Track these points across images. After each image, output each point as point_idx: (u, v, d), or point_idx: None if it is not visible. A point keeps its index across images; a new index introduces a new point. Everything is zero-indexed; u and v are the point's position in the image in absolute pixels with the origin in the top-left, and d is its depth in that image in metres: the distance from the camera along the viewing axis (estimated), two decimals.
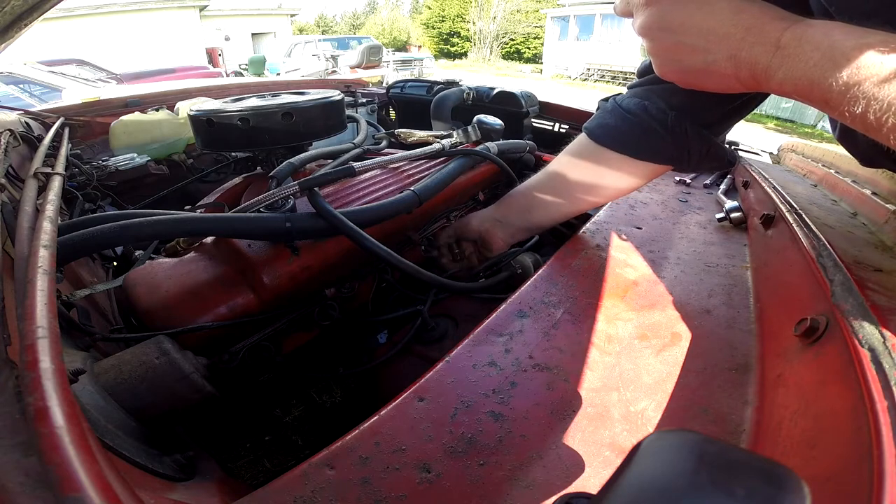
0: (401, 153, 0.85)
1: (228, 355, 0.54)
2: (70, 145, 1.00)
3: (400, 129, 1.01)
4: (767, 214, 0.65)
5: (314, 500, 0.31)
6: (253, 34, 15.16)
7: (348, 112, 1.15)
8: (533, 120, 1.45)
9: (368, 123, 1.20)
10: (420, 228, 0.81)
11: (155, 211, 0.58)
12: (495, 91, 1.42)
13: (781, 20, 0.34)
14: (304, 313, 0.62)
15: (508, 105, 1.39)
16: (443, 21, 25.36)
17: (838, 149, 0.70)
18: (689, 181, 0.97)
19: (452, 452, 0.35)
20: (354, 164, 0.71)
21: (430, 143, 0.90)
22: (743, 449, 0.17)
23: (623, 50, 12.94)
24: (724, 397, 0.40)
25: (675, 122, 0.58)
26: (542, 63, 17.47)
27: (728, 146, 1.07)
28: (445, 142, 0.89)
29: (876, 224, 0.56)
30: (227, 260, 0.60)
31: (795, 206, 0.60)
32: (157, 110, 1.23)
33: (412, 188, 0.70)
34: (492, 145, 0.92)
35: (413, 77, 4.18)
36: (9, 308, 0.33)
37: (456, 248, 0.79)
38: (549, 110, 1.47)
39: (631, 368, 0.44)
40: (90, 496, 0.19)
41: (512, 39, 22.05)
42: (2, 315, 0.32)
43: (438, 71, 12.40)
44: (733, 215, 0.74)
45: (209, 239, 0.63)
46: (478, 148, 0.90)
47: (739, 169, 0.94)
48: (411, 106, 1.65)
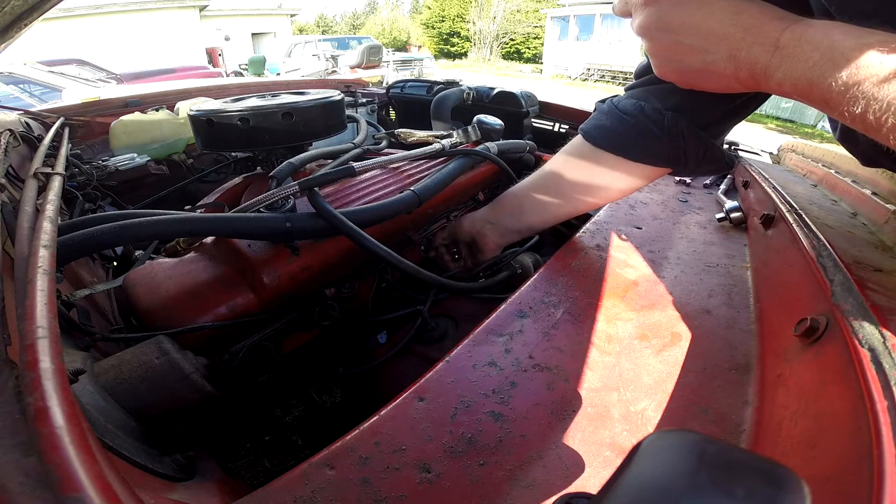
0: (401, 153, 0.85)
1: (228, 355, 0.54)
2: (70, 145, 1.00)
3: (400, 129, 1.01)
4: (767, 214, 0.65)
5: (314, 500, 0.31)
6: (253, 34, 15.17)
7: (348, 112, 1.15)
8: (533, 120, 1.45)
9: (368, 123, 1.20)
10: (420, 228, 0.81)
11: (155, 211, 0.58)
12: (495, 91, 1.42)
13: (781, 20, 0.34)
14: (304, 313, 0.62)
15: (508, 105, 1.39)
16: (443, 21, 25.37)
17: (838, 149, 0.70)
18: (689, 181, 0.96)
19: (452, 452, 0.35)
20: (354, 164, 0.71)
21: (430, 143, 0.90)
22: (743, 449, 0.17)
23: (623, 50, 12.93)
24: (724, 397, 0.40)
25: (671, 123, 0.57)
26: (542, 63, 17.47)
27: (728, 146, 1.08)
28: (445, 142, 0.89)
29: (876, 224, 0.56)
30: (227, 260, 0.60)
31: (795, 206, 0.60)
32: (157, 110, 1.23)
33: (412, 188, 0.70)
34: (492, 145, 0.92)
35: (413, 77, 4.19)
36: (9, 308, 0.33)
37: (452, 248, 0.79)
38: (549, 110, 1.47)
39: (631, 368, 0.44)
40: (90, 496, 0.19)
41: (512, 39, 22.05)
42: (2, 315, 0.32)
43: (438, 71, 12.40)
44: (733, 215, 0.74)
45: (209, 239, 0.63)
46: (478, 148, 0.90)
47: (739, 169, 0.94)
48: (411, 106, 1.65)
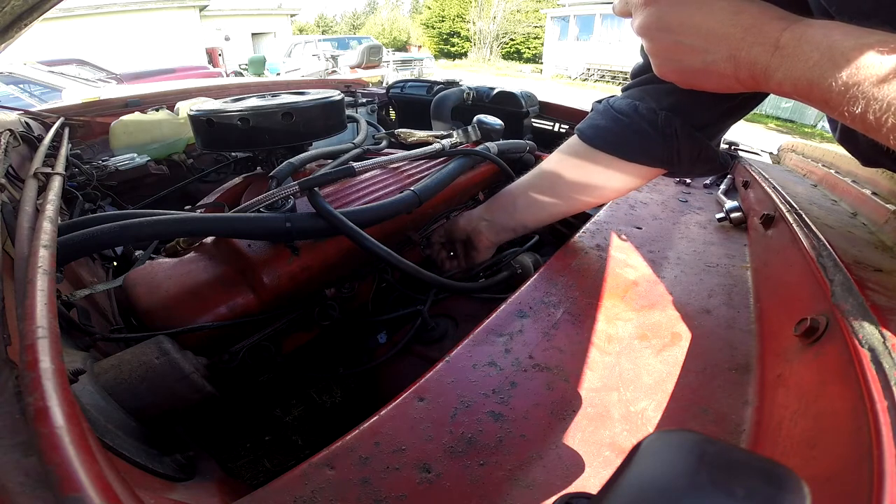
0: (401, 153, 0.85)
1: (228, 355, 0.54)
2: (70, 145, 1.00)
3: (400, 129, 1.01)
4: (767, 214, 0.65)
5: (314, 500, 0.31)
6: (253, 34, 15.16)
7: (348, 112, 1.15)
8: (533, 120, 1.45)
9: (368, 123, 1.20)
10: (420, 228, 0.81)
11: (155, 211, 0.58)
12: (495, 91, 1.42)
13: (781, 20, 0.34)
14: (304, 313, 0.62)
15: (508, 105, 1.39)
16: (443, 21, 25.37)
17: (838, 149, 0.70)
18: (689, 181, 0.96)
19: (452, 452, 0.35)
20: (354, 164, 0.71)
21: (430, 143, 0.90)
22: (743, 449, 0.17)
23: (623, 50, 12.93)
24: (724, 397, 0.40)
25: (664, 123, 0.57)
26: (542, 63, 17.47)
27: (728, 146, 1.08)
28: (445, 142, 0.89)
29: (876, 224, 0.56)
30: (227, 260, 0.60)
31: (795, 206, 0.59)
32: (157, 110, 1.23)
33: (412, 188, 0.70)
34: (492, 145, 0.92)
35: (413, 77, 4.19)
36: (9, 308, 0.33)
37: (448, 246, 0.79)
38: (548, 110, 1.47)
39: (631, 368, 0.44)
40: (90, 496, 0.19)
41: (512, 39, 22.05)
42: (2, 315, 0.32)
43: (438, 71, 12.40)
44: (733, 215, 0.74)
45: (209, 239, 0.63)
46: (478, 148, 0.90)
47: (739, 169, 0.94)
48: (411, 106, 1.65)
